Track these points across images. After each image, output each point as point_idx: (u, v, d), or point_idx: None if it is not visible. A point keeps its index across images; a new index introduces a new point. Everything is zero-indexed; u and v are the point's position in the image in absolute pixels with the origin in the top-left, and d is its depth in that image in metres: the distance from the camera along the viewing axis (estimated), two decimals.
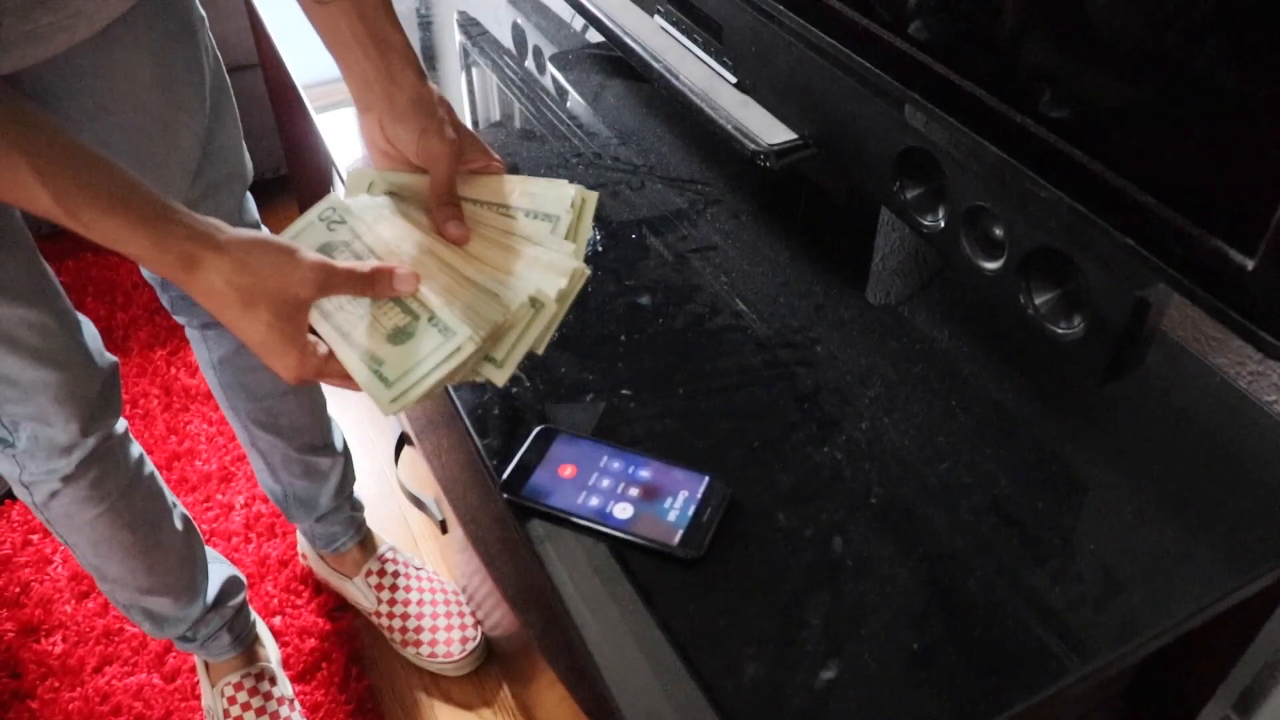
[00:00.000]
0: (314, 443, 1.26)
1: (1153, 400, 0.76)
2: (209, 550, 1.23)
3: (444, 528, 1.28)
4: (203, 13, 0.93)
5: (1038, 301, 0.69)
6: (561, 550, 0.65)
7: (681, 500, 0.66)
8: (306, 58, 1.18)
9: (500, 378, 0.63)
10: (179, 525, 1.12)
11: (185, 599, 1.14)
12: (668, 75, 0.98)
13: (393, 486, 1.55)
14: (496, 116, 1.13)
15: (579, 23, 1.24)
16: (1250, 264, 0.50)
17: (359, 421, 1.69)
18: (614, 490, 0.67)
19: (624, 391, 0.75)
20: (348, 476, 1.32)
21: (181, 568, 1.13)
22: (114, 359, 0.96)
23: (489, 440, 0.72)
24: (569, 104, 1.10)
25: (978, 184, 0.70)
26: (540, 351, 0.65)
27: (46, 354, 0.86)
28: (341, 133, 1.06)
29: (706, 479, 0.67)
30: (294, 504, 1.31)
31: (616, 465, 0.69)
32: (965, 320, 0.82)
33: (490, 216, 0.70)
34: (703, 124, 0.92)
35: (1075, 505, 0.69)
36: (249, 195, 1.08)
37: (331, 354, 0.64)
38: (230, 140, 0.98)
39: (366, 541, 1.38)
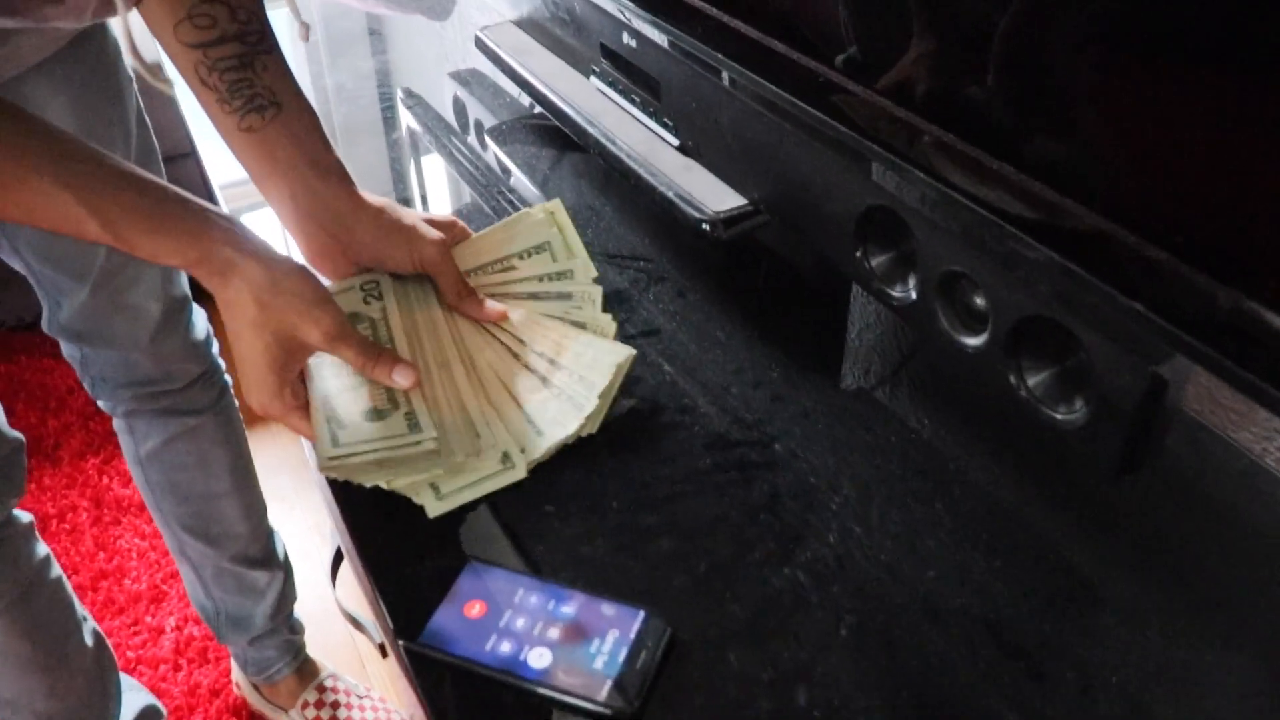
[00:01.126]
0: (250, 554, 1.13)
1: (1171, 487, 0.64)
2: (125, 677, 1.09)
3: (384, 650, 1.15)
4: (131, 75, 0.85)
5: (1031, 382, 0.58)
6: (466, 710, 0.53)
7: (611, 642, 0.54)
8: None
9: (433, 509, 0.63)
10: (89, 641, 0.99)
11: None
12: (604, 140, 0.89)
13: (334, 604, 1.42)
14: (428, 194, 1.03)
15: (521, 92, 1.15)
16: None
17: (303, 530, 1.56)
18: (529, 632, 0.55)
19: (547, 508, 0.63)
20: (287, 595, 1.20)
21: (89, 692, 1.00)
22: (18, 436, 0.86)
23: (385, 582, 0.60)
24: (511, 179, 1.00)
25: (952, 245, 0.60)
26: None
27: None
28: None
29: (641, 614, 0.55)
30: (226, 623, 1.18)
31: (534, 600, 0.57)
32: (948, 406, 0.70)
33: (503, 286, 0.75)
34: (644, 192, 0.82)
35: (1090, 625, 0.56)
36: (198, 311, 0.99)
37: (306, 407, 0.65)
38: None
39: (305, 668, 1.24)
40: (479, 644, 0.55)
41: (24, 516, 0.90)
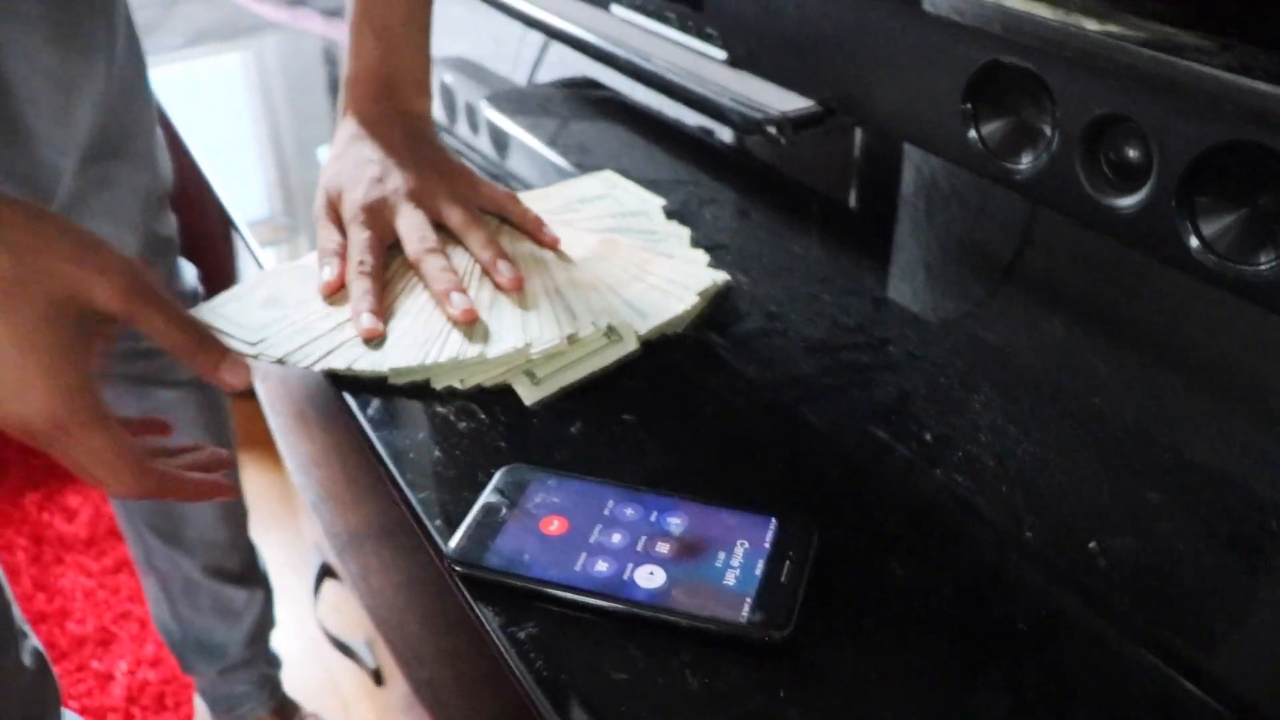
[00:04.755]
0: (226, 566, 0.99)
1: None
2: (71, 715, 0.93)
3: (378, 678, 1.00)
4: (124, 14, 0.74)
5: (1210, 231, 0.48)
6: (554, 649, 0.40)
7: (742, 554, 0.42)
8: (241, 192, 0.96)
9: (529, 396, 0.53)
10: (28, 661, 0.83)
11: None
12: (639, 61, 0.79)
13: (315, 639, 1.26)
14: None
15: (512, 72, 1.05)
16: None
17: (272, 557, 1.40)
18: (632, 548, 0.43)
19: (625, 416, 0.51)
20: (266, 619, 1.05)
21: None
22: None
23: (426, 494, 0.48)
24: (511, 144, 0.89)
25: (1104, 86, 0.50)
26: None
27: None
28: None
29: (774, 521, 0.43)
30: (194, 650, 1.03)
31: (631, 512, 0.44)
32: (1087, 295, 0.60)
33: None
34: (692, 104, 0.72)
35: None
36: (188, 265, 0.86)
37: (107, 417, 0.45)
38: (140, 127, 0.78)
39: (282, 708, 1.09)
40: (565, 565, 0.42)
41: None
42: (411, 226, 0.59)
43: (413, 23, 0.67)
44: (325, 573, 1.13)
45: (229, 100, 1.08)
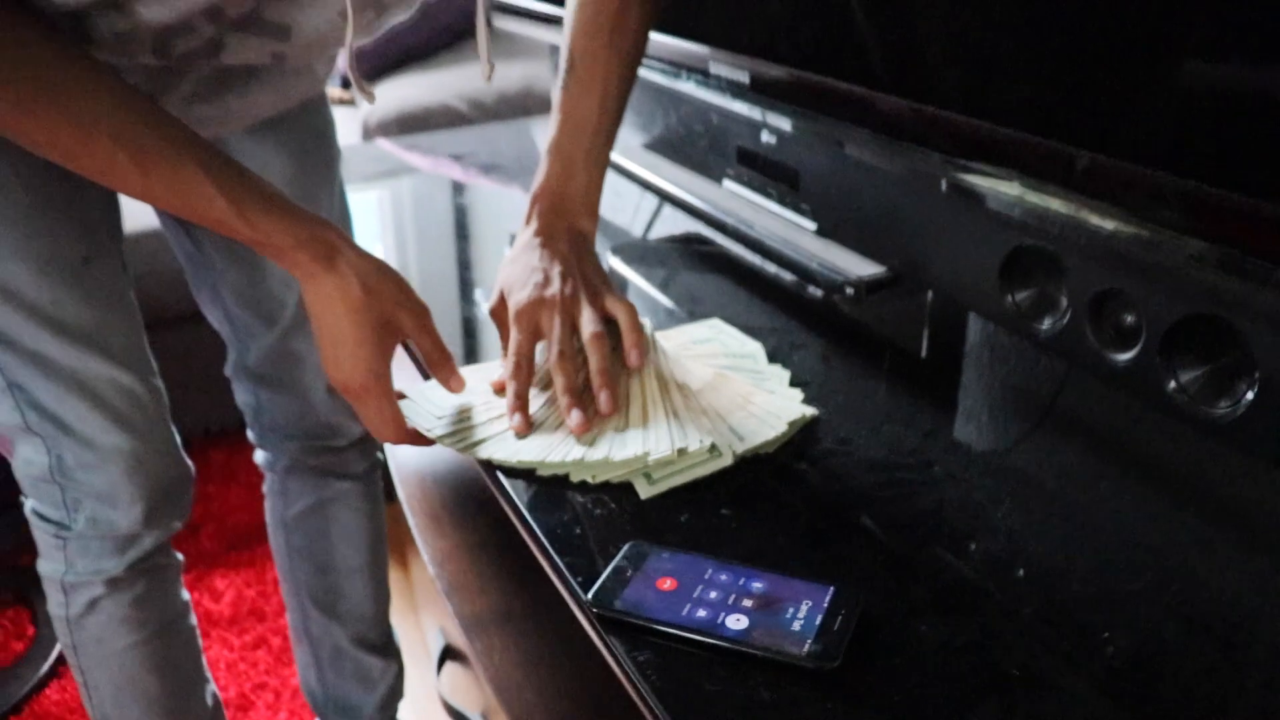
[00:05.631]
0: (370, 638, 1.15)
1: None
2: None
3: None
4: (340, 149, 0.96)
5: (1184, 380, 0.62)
6: (666, 670, 0.55)
7: (806, 609, 0.56)
8: None
9: (645, 492, 0.68)
10: (209, 702, 1.00)
11: None
12: (745, 228, 0.96)
13: (434, 712, 1.41)
14: None
15: (630, 223, 1.25)
16: None
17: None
18: (724, 601, 0.57)
19: (723, 511, 0.67)
20: (397, 689, 1.20)
21: None
22: (191, 466, 0.92)
23: (570, 559, 0.63)
24: (631, 291, 1.07)
25: (1103, 267, 0.65)
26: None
27: (129, 420, 0.85)
28: None
29: (832, 588, 0.58)
30: (334, 711, 1.18)
31: (724, 578, 0.59)
32: (1096, 428, 0.74)
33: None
34: (772, 277, 0.89)
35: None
36: None
37: (391, 392, 0.71)
38: None
39: None
40: (674, 610, 0.57)
41: (178, 555, 0.94)
42: (556, 336, 0.74)
43: (592, 156, 0.82)
44: (447, 654, 1.28)
45: (365, 231, 1.26)
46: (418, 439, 0.72)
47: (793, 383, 0.80)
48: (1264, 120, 0.53)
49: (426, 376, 0.79)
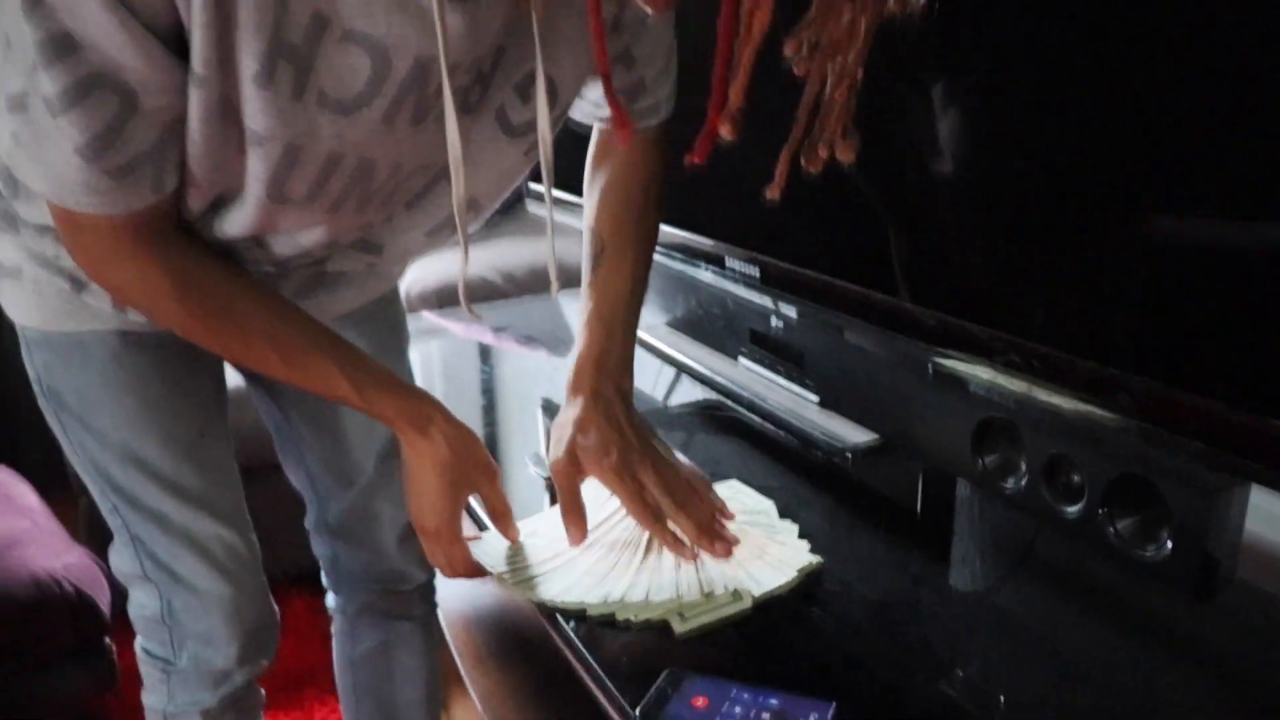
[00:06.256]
0: None
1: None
2: None
3: None
4: (409, 333, 1.13)
5: (1120, 528, 0.76)
6: None
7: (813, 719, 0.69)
8: None
9: (679, 629, 0.80)
10: None
11: None
12: (758, 400, 1.12)
13: None
14: None
15: (652, 388, 1.41)
16: None
17: None
18: (746, 716, 0.70)
19: (744, 643, 0.79)
20: None
21: None
22: (277, 610, 1.06)
23: (618, 682, 0.76)
24: None
25: (1054, 435, 0.80)
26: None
27: (230, 571, 0.98)
28: None
29: (833, 704, 0.70)
30: None
31: (745, 696, 0.72)
32: (1054, 572, 0.86)
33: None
34: (781, 441, 1.03)
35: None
36: None
37: (461, 535, 0.85)
38: None
39: None
40: None
41: (262, 691, 1.06)
42: (659, 490, 0.88)
43: (628, 324, 0.95)
44: None
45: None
46: (476, 573, 0.86)
47: (801, 535, 0.93)
48: (1174, 321, 0.69)
49: (482, 526, 0.93)
